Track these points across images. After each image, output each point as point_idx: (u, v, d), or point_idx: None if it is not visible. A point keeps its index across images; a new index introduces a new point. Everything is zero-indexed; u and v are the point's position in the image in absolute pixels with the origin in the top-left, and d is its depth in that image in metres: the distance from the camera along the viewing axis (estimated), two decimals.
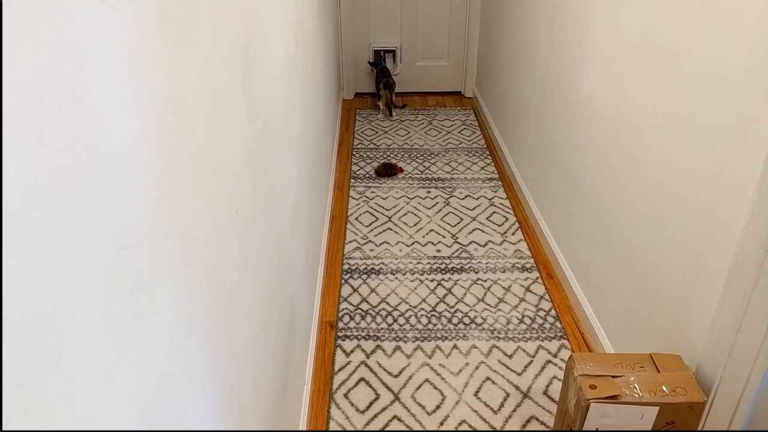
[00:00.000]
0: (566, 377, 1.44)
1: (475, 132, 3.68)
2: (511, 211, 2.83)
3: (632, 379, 1.35)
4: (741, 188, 1.24)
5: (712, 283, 1.34)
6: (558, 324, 2.14)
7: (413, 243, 2.60)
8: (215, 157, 0.86)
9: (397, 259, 2.49)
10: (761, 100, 1.17)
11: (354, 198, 2.96)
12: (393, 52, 4.15)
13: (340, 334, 2.10)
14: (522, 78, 2.95)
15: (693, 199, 1.42)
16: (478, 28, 4.01)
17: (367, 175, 3.17)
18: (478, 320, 2.16)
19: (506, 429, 1.73)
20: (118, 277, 0.53)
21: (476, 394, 1.86)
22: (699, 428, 1.39)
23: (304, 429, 1.70)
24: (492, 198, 2.95)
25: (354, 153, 3.43)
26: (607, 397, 1.31)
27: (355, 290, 2.31)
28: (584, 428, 1.34)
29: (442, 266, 2.45)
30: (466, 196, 2.96)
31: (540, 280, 2.36)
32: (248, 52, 1.11)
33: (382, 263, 2.46)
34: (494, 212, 2.83)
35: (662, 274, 1.58)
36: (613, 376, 1.36)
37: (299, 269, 1.74)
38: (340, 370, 1.95)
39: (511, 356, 2.00)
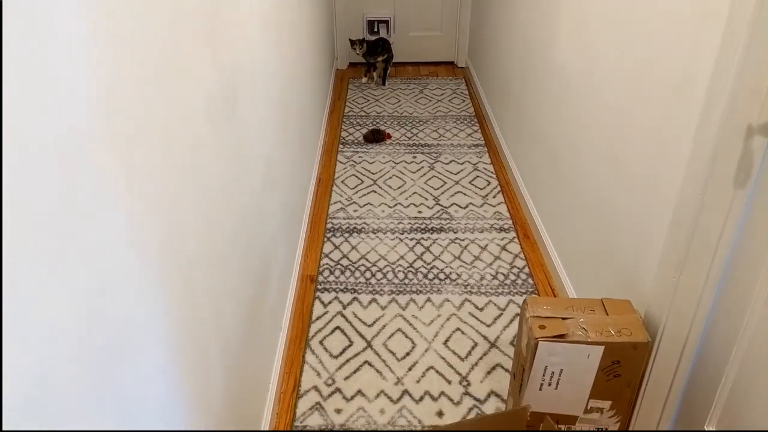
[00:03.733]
0: (521, 320, 1.52)
1: (464, 101, 3.72)
2: (494, 176, 2.89)
3: (581, 320, 1.43)
4: (683, 139, 1.29)
5: (659, 229, 1.41)
6: (530, 281, 2.22)
7: (396, 204, 2.67)
8: (169, 91, 0.92)
9: (379, 219, 2.57)
10: (703, 58, 1.22)
11: (341, 162, 3.02)
12: (386, 22, 4.17)
13: (319, 287, 2.18)
14: (507, 47, 2.98)
15: (645, 153, 1.48)
16: None
17: (356, 141, 3.23)
18: (453, 276, 2.23)
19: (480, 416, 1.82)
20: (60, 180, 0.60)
21: (445, 343, 1.94)
22: (647, 367, 1.46)
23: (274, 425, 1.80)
24: (476, 163, 3.00)
25: (344, 120, 3.48)
26: (554, 336, 1.39)
27: (336, 247, 2.39)
28: (534, 366, 1.42)
29: (423, 226, 2.52)
30: (451, 161, 3.02)
31: (516, 240, 2.44)
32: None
33: (365, 223, 2.54)
34: (477, 176, 2.89)
35: (620, 226, 1.65)
36: (563, 318, 1.44)
37: (274, 222, 1.81)
38: (317, 319, 2.04)
39: (482, 309, 2.08)
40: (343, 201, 2.70)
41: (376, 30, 4.20)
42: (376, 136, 3.19)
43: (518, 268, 2.28)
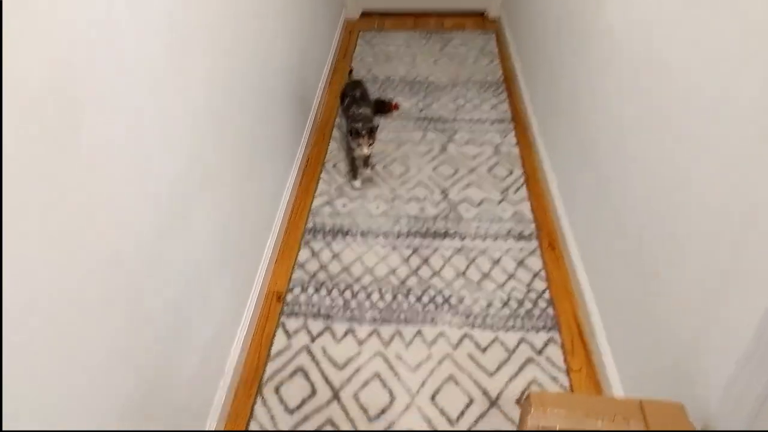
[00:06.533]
0: (521, 424, 1.08)
1: (492, 61, 3.14)
2: (519, 162, 2.38)
3: None
4: None
5: (738, 319, 0.92)
6: (550, 310, 1.75)
7: (394, 198, 2.21)
8: None
9: (371, 218, 2.11)
10: None
11: (336, 140, 2.55)
12: None
13: (286, 309, 1.78)
14: None
15: (722, 202, 0.98)
16: None
17: None
18: (453, 301, 1.79)
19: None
20: None
21: (433, 397, 1.53)
22: None
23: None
24: (498, 144, 2.48)
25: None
26: None
27: (314, 255, 1.97)
28: None
29: (423, 229, 2.06)
30: (467, 141, 2.51)
31: (538, 252, 1.96)
32: None
33: (353, 222, 2.10)
34: (498, 162, 2.38)
35: (672, 287, 1.16)
36: None
37: (201, 258, 1.39)
38: (276, 355, 1.64)
39: (484, 350, 1.65)
40: (331, 192, 2.25)
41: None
42: (380, 108, 2.68)
43: (537, 292, 1.81)
